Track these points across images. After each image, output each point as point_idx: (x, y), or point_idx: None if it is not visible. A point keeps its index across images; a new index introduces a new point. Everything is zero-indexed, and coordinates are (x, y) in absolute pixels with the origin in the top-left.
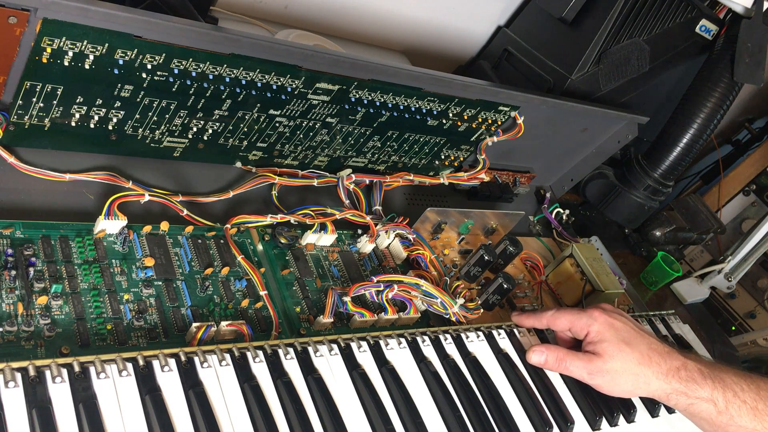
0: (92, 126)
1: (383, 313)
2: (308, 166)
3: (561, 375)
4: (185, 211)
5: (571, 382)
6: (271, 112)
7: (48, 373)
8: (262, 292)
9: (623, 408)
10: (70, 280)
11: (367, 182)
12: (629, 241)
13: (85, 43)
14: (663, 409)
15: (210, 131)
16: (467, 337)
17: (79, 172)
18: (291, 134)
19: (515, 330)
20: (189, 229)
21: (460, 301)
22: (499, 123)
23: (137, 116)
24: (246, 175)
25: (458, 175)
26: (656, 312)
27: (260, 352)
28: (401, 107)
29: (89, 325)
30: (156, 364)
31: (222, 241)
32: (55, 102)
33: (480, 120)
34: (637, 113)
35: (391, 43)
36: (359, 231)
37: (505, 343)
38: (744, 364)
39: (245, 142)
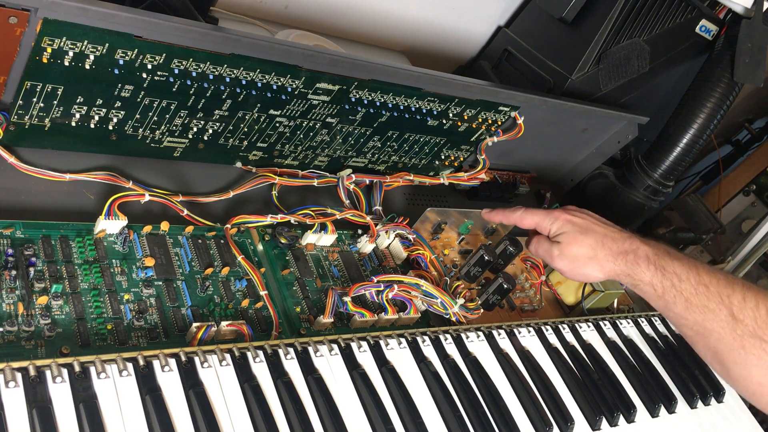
0: (92, 126)
1: (383, 313)
2: (308, 166)
3: (561, 375)
4: (185, 211)
5: (571, 382)
6: (272, 112)
7: (48, 373)
8: (263, 292)
9: (623, 408)
10: (70, 280)
11: (368, 182)
12: None
13: (85, 43)
14: (663, 409)
15: (210, 131)
16: (467, 337)
17: (79, 172)
18: (291, 134)
19: (515, 330)
20: (189, 229)
21: (460, 301)
22: (499, 123)
23: (137, 116)
24: (246, 175)
25: (458, 175)
26: (656, 312)
27: (260, 352)
28: (401, 107)
29: (89, 325)
30: (156, 364)
31: (222, 241)
32: (55, 102)
33: (480, 120)
34: (637, 113)
35: (391, 43)
36: (359, 231)
37: (505, 343)
38: None
39: (245, 142)
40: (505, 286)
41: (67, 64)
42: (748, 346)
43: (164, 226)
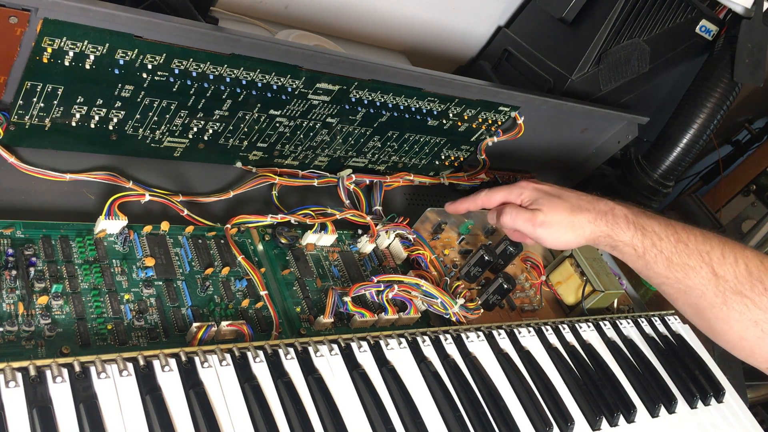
0: (93, 126)
1: (383, 313)
2: (308, 166)
3: (561, 375)
4: (186, 211)
5: (571, 382)
6: (272, 112)
7: (48, 373)
8: (263, 292)
9: (623, 408)
10: (70, 280)
11: (368, 182)
12: None
13: (85, 43)
14: (663, 409)
15: (210, 131)
16: (467, 337)
17: (79, 172)
18: (291, 134)
19: (515, 330)
20: (189, 229)
21: (461, 301)
22: (499, 123)
23: (138, 116)
24: (246, 175)
25: (458, 176)
26: (656, 312)
27: (260, 352)
28: (401, 107)
29: (90, 325)
30: (156, 364)
31: (222, 241)
32: (55, 102)
33: (480, 120)
34: (637, 113)
35: (391, 43)
36: (359, 231)
37: (505, 343)
38: (744, 364)
39: (245, 142)
40: (505, 286)
41: (67, 64)
42: (729, 302)
43: (164, 226)
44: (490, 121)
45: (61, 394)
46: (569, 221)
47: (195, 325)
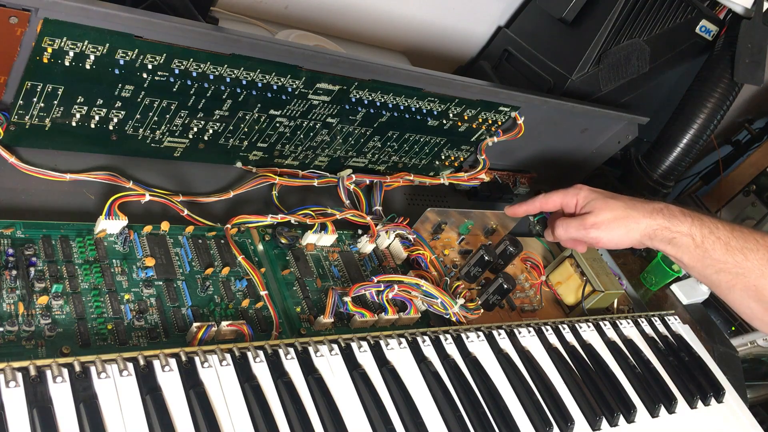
0: (93, 126)
1: (383, 313)
2: (308, 167)
3: (561, 375)
4: (186, 211)
5: (571, 382)
6: (272, 112)
7: (49, 373)
8: (263, 292)
9: (623, 408)
10: (70, 279)
11: (368, 182)
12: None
13: (85, 43)
14: (663, 409)
15: (210, 131)
16: (467, 337)
17: (79, 172)
18: (291, 134)
19: (515, 330)
20: (189, 229)
21: (461, 301)
22: (500, 123)
23: (138, 116)
24: (246, 175)
25: (458, 176)
26: (656, 312)
27: (261, 352)
28: (401, 107)
29: (90, 324)
30: (157, 363)
31: (222, 241)
32: (55, 102)
33: (480, 120)
34: (637, 114)
35: (391, 44)
36: (359, 231)
37: (505, 343)
38: (744, 364)
39: (246, 143)
40: (505, 286)
41: (67, 64)
42: None
43: (164, 226)
44: (490, 121)
45: (61, 394)
46: (624, 215)
47: (195, 325)
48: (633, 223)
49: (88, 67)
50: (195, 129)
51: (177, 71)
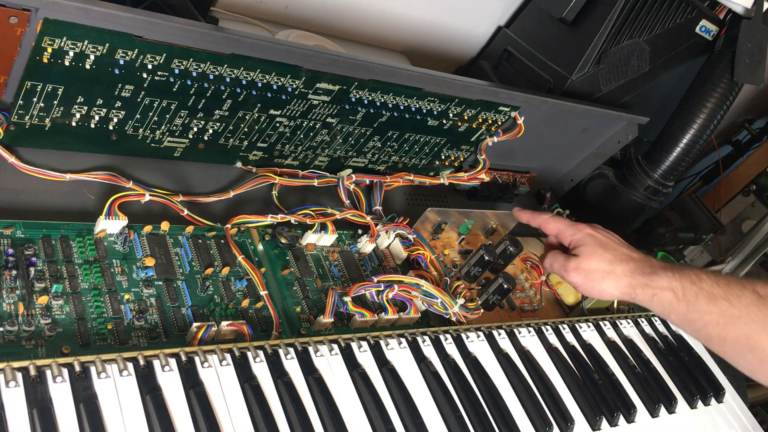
0: (93, 126)
1: (383, 313)
2: (308, 166)
3: (561, 375)
4: (186, 211)
5: (571, 382)
6: (272, 112)
7: (49, 373)
8: (263, 292)
9: (623, 408)
10: (70, 279)
11: (368, 182)
12: (629, 241)
13: (85, 43)
14: (663, 409)
15: (210, 131)
16: (467, 337)
17: (79, 172)
18: (291, 134)
19: (515, 330)
20: (189, 229)
21: (461, 301)
22: (500, 123)
23: (138, 116)
24: (246, 175)
25: (458, 176)
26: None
27: (261, 352)
28: (401, 107)
29: (90, 324)
30: (156, 363)
31: (222, 241)
32: (55, 102)
33: (480, 120)
34: (637, 113)
35: (391, 43)
36: (359, 231)
37: (505, 343)
38: None
39: (246, 142)
40: (505, 286)
41: (67, 64)
42: None
43: (164, 226)
44: (490, 121)
45: (61, 393)
46: (606, 271)
47: (195, 325)
48: (612, 280)
49: (88, 67)
50: (195, 129)
51: (177, 71)
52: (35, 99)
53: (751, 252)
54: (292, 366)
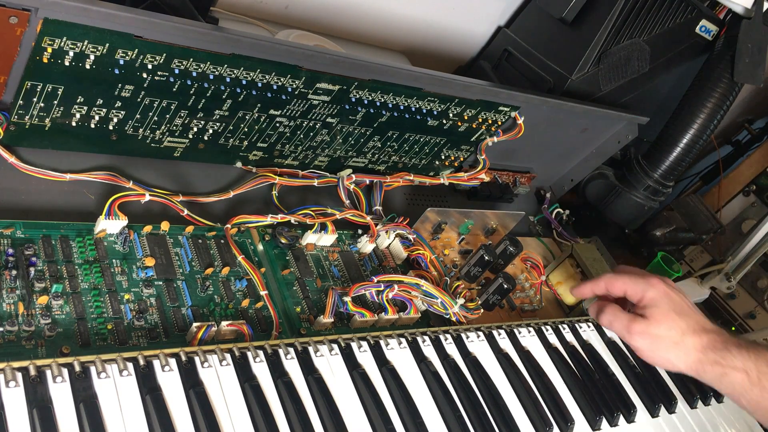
0: (93, 126)
1: (383, 313)
2: (308, 166)
3: (561, 375)
4: (186, 211)
5: (571, 382)
6: (272, 112)
7: (49, 373)
8: (263, 292)
9: (623, 408)
10: (70, 279)
11: (368, 182)
12: (629, 241)
13: (85, 43)
14: (663, 409)
15: (210, 131)
16: (467, 337)
17: (79, 172)
18: (291, 134)
19: (515, 330)
20: (189, 229)
21: (461, 301)
22: (500, 123)
23: (138, 116)
24: (246, 175)
25: (458, 176)
26: None
27: (261, 352)
28: (401, 107)
29: (90, 324)
30: (156, 363)
31: (222, 241)
32: (55, 102)
33: (480, 120)
34: (637, 113)
35: (391, 43)
36: (359, 231)
37: (505, 343)
38: None
39: (246, 142)
40: (505, 286)
41: (67, 64)
42: None
43: (164, 226)
44: (490, 121)
45: (61, 393)
46: (677, 340)
47: (195, 325)
48: (682, 352)
49: (88, 67)
50: (195, 129)
51: (177, 71)
52: (35, 99)
53: (751, 252)
54: (292, 366)
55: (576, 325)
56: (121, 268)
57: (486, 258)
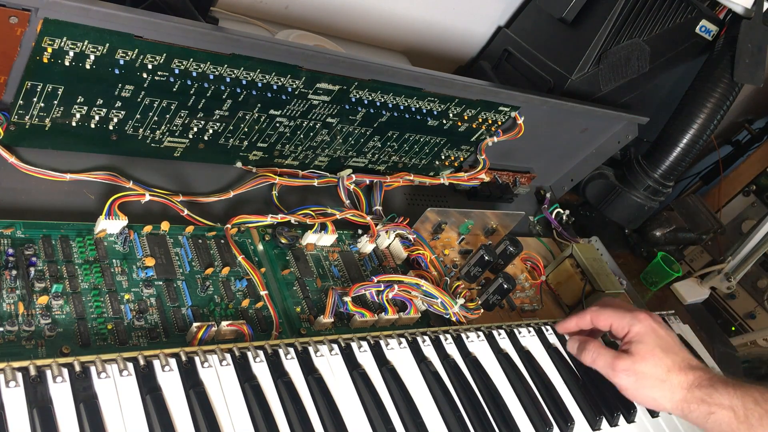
0: (93, 126)
1: (383, 313)
2: (308, 166)
3: (561, 375)
4: (186, 211)
5: (571, 382)
6: (272, 112)
7: (49, 373)
8: (263, 292)
9: (623, 408)
10: (70, 279)
11: (368, 182)
12: (629, 241)
13: (85, 43)
14: None
15: (210, 131)
16: (467, 337)
17: (79, 172)
18: (291, 134)
19: (515, 330)
20: (189, 229)
21: (461, 301)
22: (500, 123)
23: (138, 116)
24: (246, 175)
25: (458, 176)
26: (656, 312)
27: (261, 352)
28: (401, 107)
29: (90, 324)
30: (157, 363)
31: (222, 241)
32: (55, 102)
33: (480, 120)
34: (637, 113)
35: (391, 43)
36: (359, 231)
37: (505, 343)
38: (744, 364)
39: (246, 142)
40: (505, 286)
41: (67, 64)
42: None
43: (164, 226)
44: (490, 121)
45: (61, 394)
46: (662, 378)
47: (195, 325)
48: (667, 391)
49: (88, 67)
50: (195, 129)
51: (177, 71)
52: (35, 99)
53: (751, 252)
54: (292, 366)
55: None
56: (121, 268)
57: (486, 258)
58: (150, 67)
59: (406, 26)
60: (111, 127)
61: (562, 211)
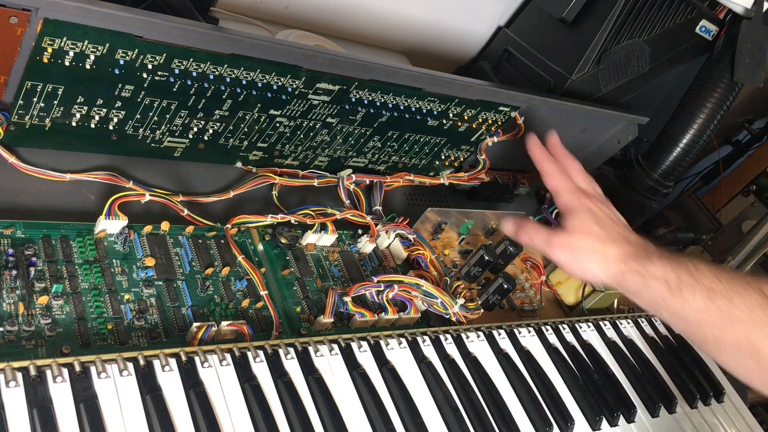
0: (93, 126)
1: (383, 313)
2: (308, 166)
3: (561, 375)
4: (186, 211)
5: (571, 382)
6: (272, 112)
7: (49, 373)
8: (263, 292)
9: (623, 408)
10: (70, 279)
11: (368, 182)
12: None
13: (85, 43)
14: (663, 409)
15: (210, 131)
16: (467, 337)
17: (79, 172)
18: (291, 134)
19: (515, 330)
20: (189, 229)
21: (461, 301)
22: (500, 123)
23: (138, 116)
24: (246, 175)
25: (458, 176)
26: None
27: (261, 352)
28: (401, 107)
29: (90, 324)
30: (157, 363)
31: (222, 241)
32: (55, 102)
33: (480, 120)
34: (637, 113)
35: (391, 43)
36: (359, 231)
37: (505, 343)
38: None
39: (246, 142)
40: (505, 286)
41: (67, 64)
42: None
43: (164, 226)
44: (490, 121)
45: (61, 393)
46: (596, 249)
47: (195, 325)
48: (602, 261)
49: (88, 67)
50: (195, 129)
51: (177, 71)
52: (35, 99)
53: (751, 252)
54: (292, 366)
55: (576, 325)
56: (121, 268)
57: (486, 258)
58: (150, 67)
59: (406, 26)
60: (111, 127)
61: None
